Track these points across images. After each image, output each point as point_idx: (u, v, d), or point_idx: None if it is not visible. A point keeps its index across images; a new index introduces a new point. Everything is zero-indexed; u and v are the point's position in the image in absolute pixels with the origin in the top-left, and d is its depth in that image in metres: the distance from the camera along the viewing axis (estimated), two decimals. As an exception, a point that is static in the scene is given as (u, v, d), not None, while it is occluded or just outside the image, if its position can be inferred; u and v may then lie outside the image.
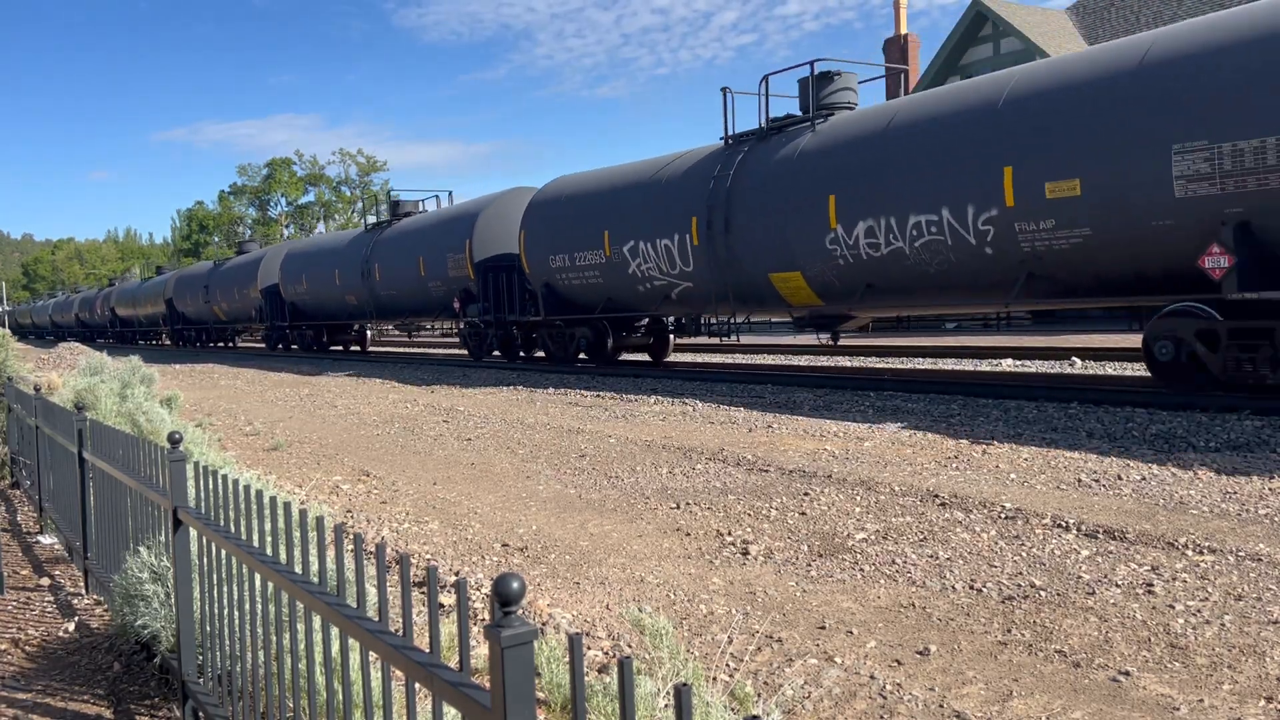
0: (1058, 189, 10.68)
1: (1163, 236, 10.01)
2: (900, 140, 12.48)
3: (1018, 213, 11.05)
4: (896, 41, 34.46)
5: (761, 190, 14.33)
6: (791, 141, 14.33)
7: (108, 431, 4.81)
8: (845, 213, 12.94)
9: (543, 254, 18.65)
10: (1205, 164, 9.49)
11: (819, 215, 13.29)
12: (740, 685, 3.53)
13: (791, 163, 14.00)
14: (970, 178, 11.46)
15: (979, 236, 11.52)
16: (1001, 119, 11.26)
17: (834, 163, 13.32)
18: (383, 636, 2.03)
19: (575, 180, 18.95)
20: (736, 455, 8.41)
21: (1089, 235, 10.58)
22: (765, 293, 14.77)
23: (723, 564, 5.32)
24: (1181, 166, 9.65)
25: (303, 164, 77.04)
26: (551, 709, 3.26)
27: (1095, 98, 10.38)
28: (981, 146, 11.40)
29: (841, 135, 13.53)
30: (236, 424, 12.68)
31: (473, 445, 9.94)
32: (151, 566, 3.93)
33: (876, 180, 12.62)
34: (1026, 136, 10.96)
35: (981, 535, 5.58)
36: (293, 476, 8.56)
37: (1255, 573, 4.66)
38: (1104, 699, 3.47)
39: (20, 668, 4.28)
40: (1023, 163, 10.94)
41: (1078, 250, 10.75)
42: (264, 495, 2.88)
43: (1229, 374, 9.88)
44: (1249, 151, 9.19)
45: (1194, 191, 9.63)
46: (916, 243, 12.23)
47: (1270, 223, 9.26)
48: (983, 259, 11.63)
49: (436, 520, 6.67)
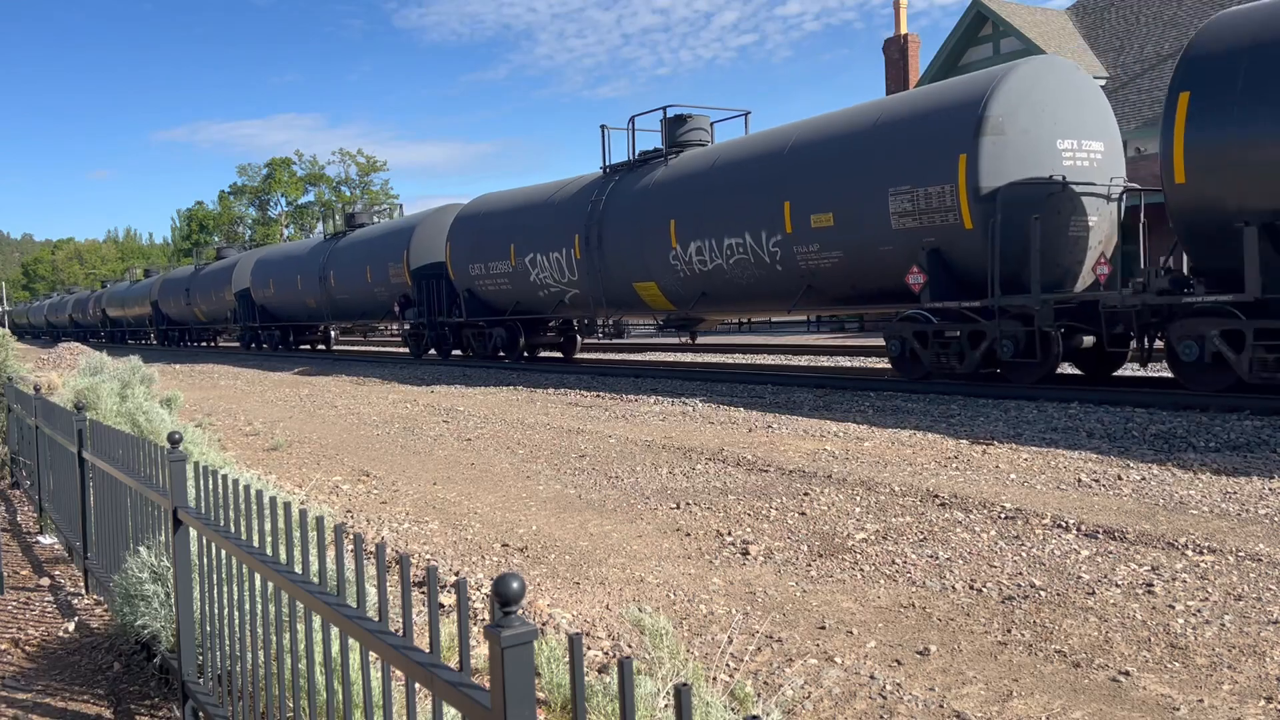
0: (819, 220, 13.56)
1: (886, 259, 12.88)
2: (719, 176, 15.44)
3: (795, 238, 13.92)
4: (896, 41, 34.45)
5: (627, 213, 17.10)
6: (650, 173, 17.18)
7: (108, 431, 4.81)
8: (682, 234, 15.85)
9: (464, 263, 21.49)
10: (909, 204, 12.42)
11: (665, 236, 16.16)
12: (740, 685, 3.53)
13: (648, 191, 16.86)
14: (763, 209, 14.33)
15: (770, 256, 14.43)
16: (785, 163, 14.23)
17: (676, 192, 16.18)
18: (383, 636, 2.03)
19: (492, 199, 21.95)
20: (736, 455, 8.41)
21: (841, 257, 13.50)
22: (632, 299, 17.54)
23: (723, 564, 5.32)
24: (895, 205, 12.57)
25: (303, 164, 77.10)
26: (551, 709, 3.26)
27: (844, 149, 13.45)
28: (771, 185, 14.28)
29: (683, 170, 16.45)
30: (236, 424, 12.68)
31: (473, 445, 9.94)
32: (151, 566, 3.93)
33: (702, 209, 15.53)
34: (800, 178, 13.86)
35: (981, 535, 5.58)
36: (293, 476, 8.56)
37: (1255, 573, 4.66)
38: (1104, 699, 3.47)
39: (20, 668, 4.29)
40: (797, 198, 13.82)
41: (836, 268, 13.67)
42: (264, 495, 2.88)
43: (937, 366, 12.94)
44: (935, 194, 12.18)
45: (904, 225, 12.53)
46: (730, 260, 15.18)
47: (953, 249, 12.20)
48: (775, 274, 14.52)
49: (436, 520, 6.67)
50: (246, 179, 78.31)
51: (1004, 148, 11.83)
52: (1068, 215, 12.12)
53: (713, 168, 15.63)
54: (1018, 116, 11.95)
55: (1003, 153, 11.82)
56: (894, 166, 12.55)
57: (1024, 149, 11.95)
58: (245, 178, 78.41)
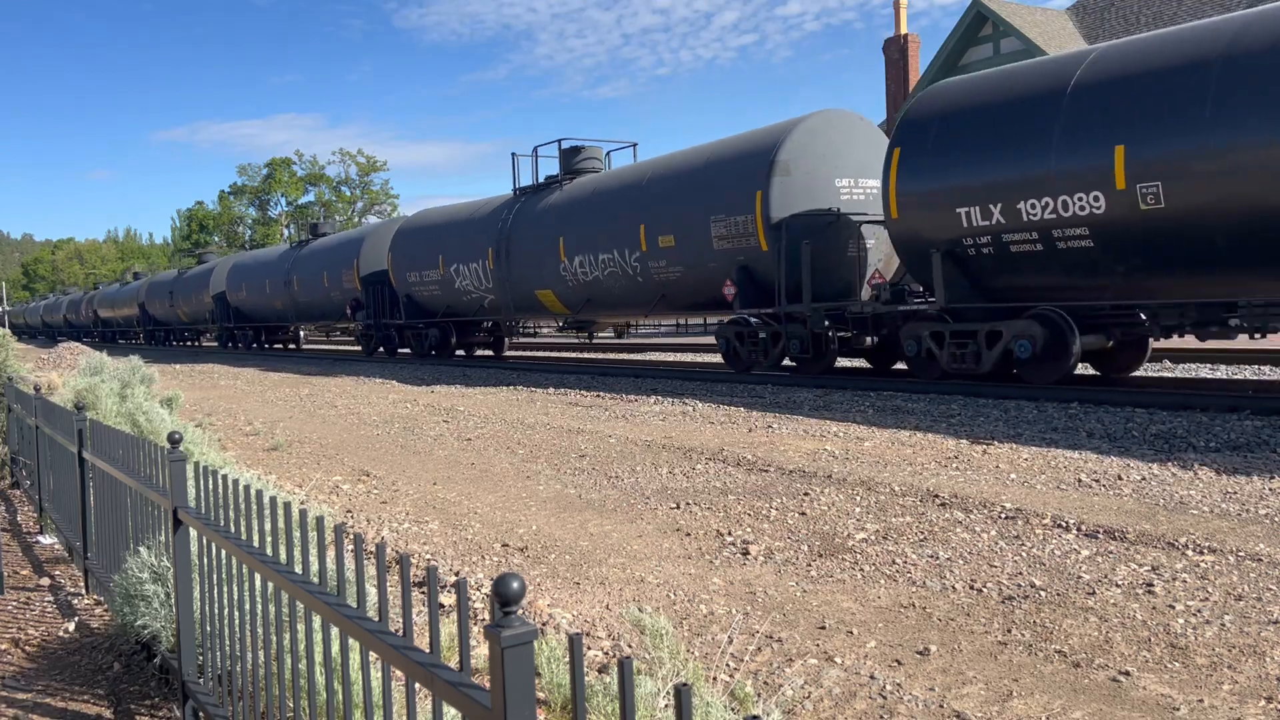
0: (665, 241, 16.38)
1: (712, 274, 15.69)
2: (597, 201, 18.22)
3: (649, 255, 16.73)
4: (896, 41, 34.45)
5: (529, 229, 19.83)
6: (548, 196, 19.88)
7: (108, 431, 4.81)
8: (569, 250, 18.56)
9: (403, 271, 24.32)
10: (725, 229, 15.25)
11: (556, 250, 18.83)
12: (740, 685, 3.53)
13: (545, 211, 19.58)
14: (627, 230, 17.08)
15: (633, 269, 17.17)
16: (642, 193, 17.10)
17: (565, 214, 18.89)
18: (383, 636, 2.03)
19: (426, 215, 25.09)
20: (736, 455, 8.41)
21: (683, 271, 16.30)
22: (535, 304, 20.33)
23: (723, 564, 5.32)
24: (716, 230, 15.40)
25: (303, 164, 77.07)
26: (551, 709, 3.26)
27: (681, 183, 16.32)
28: (632, 210, 17.08)
29: (572, 194, 19.17)
30: (236, 424, 12.68)
31: (473, 445, 9.94)
32: (152, 566, 3.93)
33: (584, 228, 18.22)
34: (652, 206, 16.68)
35: (981, 535, 5.58)
36: (293, 476, 8.56)
37: (1255, 573, 4.66)
38: (1104, 699, 3.47)
39: (20, 668, 4.29)
40: (650, 222, 16.64)
41: (679, 281, 16.48)
42: (264, 495, 2.88)
43: (752, 360, 15.83)
44: (741, 222, 15.01)
45: (722, 246, 15.30)
46: (605, 272, 17.81)
47: (755, 266, 14.96)
48: (637, 284, 17.28)
49: (436, 520, 6.67)
50: (246, 179, 78.28)
51: (790, 186, 14.57)
52: (845, 239, 14.59)
53: (593, 194, 18.51)
54: (802, 161, 14.71)
55: (789, 190, 14.56)
56: (715, 199, 15.43)
57: (807, 187, 14.65)
58: (245, 178, 78.37)
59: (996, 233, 11.58)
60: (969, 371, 12.45)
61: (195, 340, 45.08)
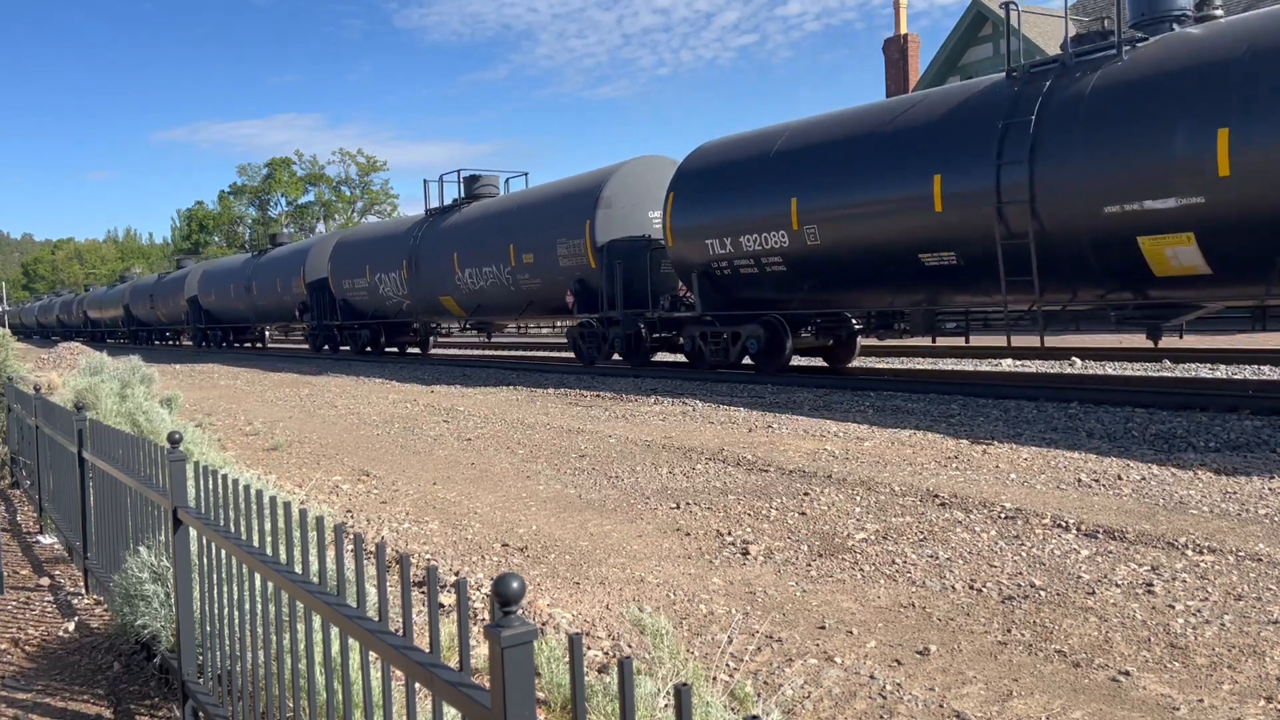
0: (527, 258, 20.01)
1: (560, 286, 19.15)
2: (483, 223, 22.01)
3: (517, 269, 20.38)
4: (896, 41, 34.46)
5: (434, 245, 23.59)
6: (449, 217, 23.70)
7: (108, 431, 4.81)
8: (461, 263, 22.24)
9: (340, 278, 28.18)
10: (567, 250, 18.75)
11: (452, 263, 22.59)
12: (740, 685, 3.53)
13: (446, 230, 23.39)
14: (502, 248, 20.73)
15: (507, 281, 20.85)
16: (513, 217, 20.94)
17: (460, 233, 22.69)
18: (383, 636, 2.03)
19: (355, 231, 30.73)
20: (736, 455, 8.41)
21: (541, 283, 19.92)
22: (440, 308, 24.25)
23: (723, 564, 5.32)
24: (561, 250, 18.90)
25: (303, 164, 77.03)
26: (551, 709, 3.26)
27: (539, 213, 20.00)
28: (505, 233, 20.76)
29: (467, 217, 22.97)
30: (236, 424, 12.68)
31: (473, 445, 9.94)
32: (151, 566, 3.93)
33: (470, 246, 21.95)
34: (521, 228, 20.33)
35: (981, 535, 5.58)
36: (293, 476, 8.56)
37: (1255, 573, 4.66)
38: (1104, 699, 3.47)
39: (20, 668, 4.29)
40: (518, 242, 20.23)
41: (539, 290, 20.07)
42: (264, 495, 2.88)
43: (592, 354, 19.22)
44: (577, 245, 18.44)
45: (565, 264, 18.89)
46: (488, 282, 21.48)
47: (588, 280, 18.44)
48: (510, 293, 21.02)
49: (436, 520, 6.67)
50: (246, 179, 78.26)
51: (611, 217, 18.16)
52: (658, 259, 17.72)
53: (481, 217, 22.25)
54: (622, 197, 18.32)
55: (610, 220, 18.14)
56: (560, 225, 18.98)
57: (625, 218, 18.25)
58: (245, 178, 78.34)
59: (731, 259, 15.39)
60: (723, 363, 16.11)
61: (175, 340, 48.97)
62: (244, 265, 36.07)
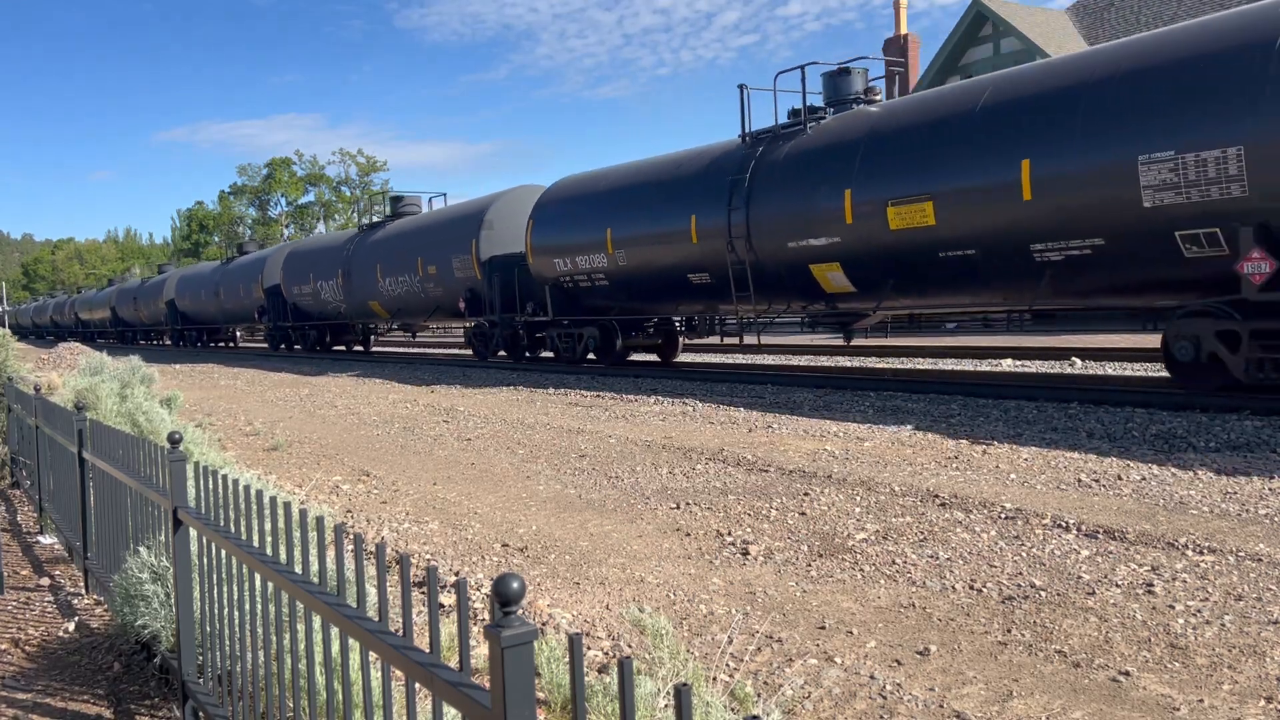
0: (431, 269, 23.18)
1: (456, 293, 22.46)
2: (398, 240, 25.65)
3: (424, 279, 23.70)
4: (896, 41, 34.47)
5: (363, 258, 27.30)
6: (375, 233, 27.59)
7: (108, 431, 4.81)
8: (383, 272, 25.84)
9: (290, 285, 32.14)
10: (458, 264, 22.05)
11: (374, 274, 26.33)
12: (740, 685, 3.53)
13: (372, 244, 27.19)
14: (413, 261, 24.17)
15: (418, 289, 24.22)
16: (422, 235, 24.29)
17: (383, 247, 26.35)
18: (383, 637, 2.03)
19: (303, 243, 34.46)
20: (736, 455, 8.41)
21: (443, 291, 23.04)
22: (370, 311, 27.89)
23: (723, 564, 5.32)
24: (455, 264, 22.20)
25: (303, 164, 77.06)
26: (551, 709, 3.26)
27: (438, 230, 23.40)
28: (415, 247, 24.20)
29: (390, 233, 26.61)
30: (236, 424, 12.68)
31: (473, 445, 9.94)
32: (151, 566, 3.93)
33: (390, 258, 25.59)
34: (426, 245, 23.58)
35: (981, 535, 5.58)
36: (293, 476, 8.56)
37: (1255, 573, 4.66)
38: (1104, 699, 3.47)
39: (20, 668, 4.29)
40: (424, 255, 23.53)
41: (443, 297, 23.21)
42: (264, 495, 2.88)
43: (485, 351, 22.53)
44: (466, 260, 21.74)
45: (459, 275, 22.11)
46: (405, 289, 24.94)
47: (476, 289, 21.74)
48: (421, 299, 24.44)
49: (436, 520, 6.67)
50: (246, 179, 78.29)
51: (493, 236, 21.45)
52: (526, 273, 20.53)
53: (399, 234, 25.84)
54: (502, 219, 21.57)
55: (492, 239, 21.40)
56: (453, 242, 22.28)
57: (504, 237, 21.45)
58: (245, 178, 78.39)
59: (572, 274, 18.85)
60: (571, 358, 19.57)
61: (159, 339, 52.77)
62: (214, 272, 40.40)
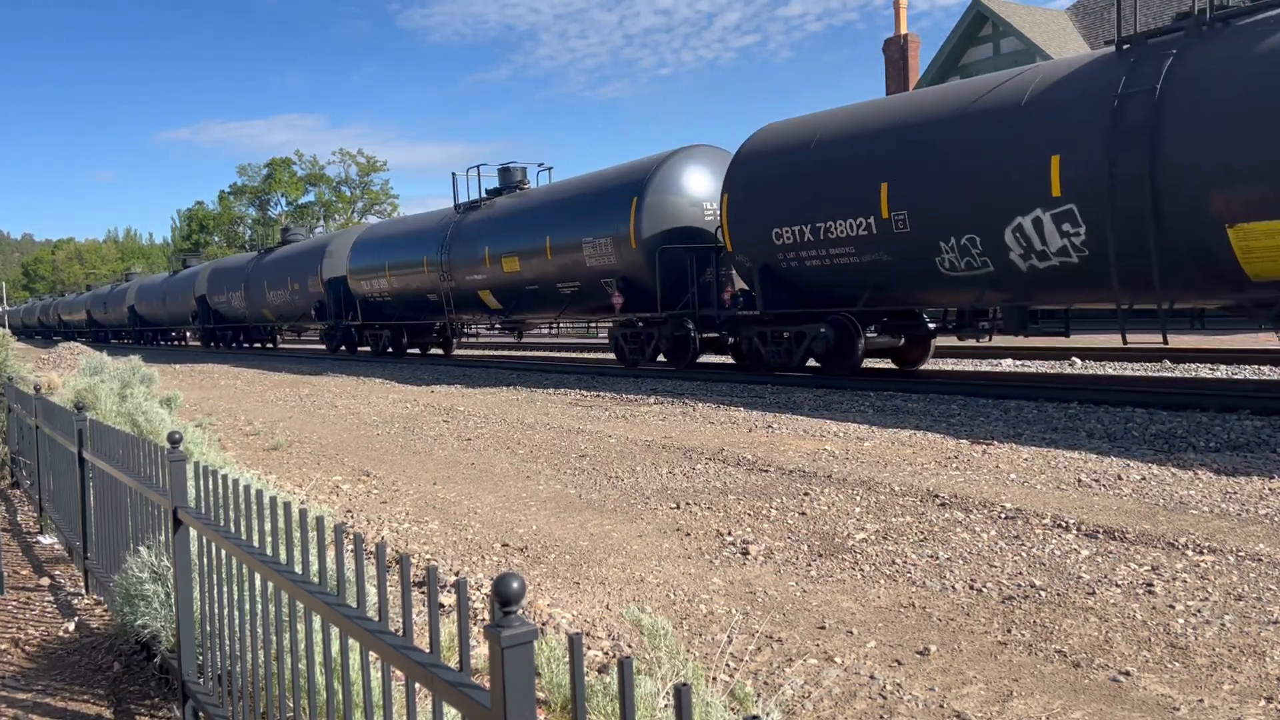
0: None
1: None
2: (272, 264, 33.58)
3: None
4: (897, 42, 34.45)
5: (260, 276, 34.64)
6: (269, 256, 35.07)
7: (108, 431, 4.81)
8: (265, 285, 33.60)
9: (213, 294, 38.83)
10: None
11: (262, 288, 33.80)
12: (740, 685, 3.53)
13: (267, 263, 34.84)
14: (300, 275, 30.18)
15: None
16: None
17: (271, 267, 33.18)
18: (383, 636, 2.03)
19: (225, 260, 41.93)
20: (736, 455, 8.41)
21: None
22: (262, 319, 34.49)
23: (723, 564, 5.32)
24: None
25: (303, 164, 77.06)
26: (551, 709, 3.26)
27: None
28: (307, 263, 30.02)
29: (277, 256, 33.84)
30: (236, 424, 12.68)
31: (473, 445, 9.94)
32: (151, 566, 3.93)
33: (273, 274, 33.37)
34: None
35: (981, 535, 5.58)
36: (293, 476, 8.56)
37: (1255, 573, 4.66)
38: (1104, 699, 3.47)
39: (20, 668, 4.29)
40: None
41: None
42: (264, 495, 2.88)
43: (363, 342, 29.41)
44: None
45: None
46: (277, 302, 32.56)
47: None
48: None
49: (436, 520, 6.67)
50: (247, 179, 78.30)
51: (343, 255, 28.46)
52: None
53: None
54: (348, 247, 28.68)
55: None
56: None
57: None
58: (245, 178, 78.39)
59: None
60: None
61: (126, 339, 58.72)
62: (165, 281, 47.43)
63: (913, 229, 12.42)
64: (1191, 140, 9.88)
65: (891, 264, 12.95)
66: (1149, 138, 10.10)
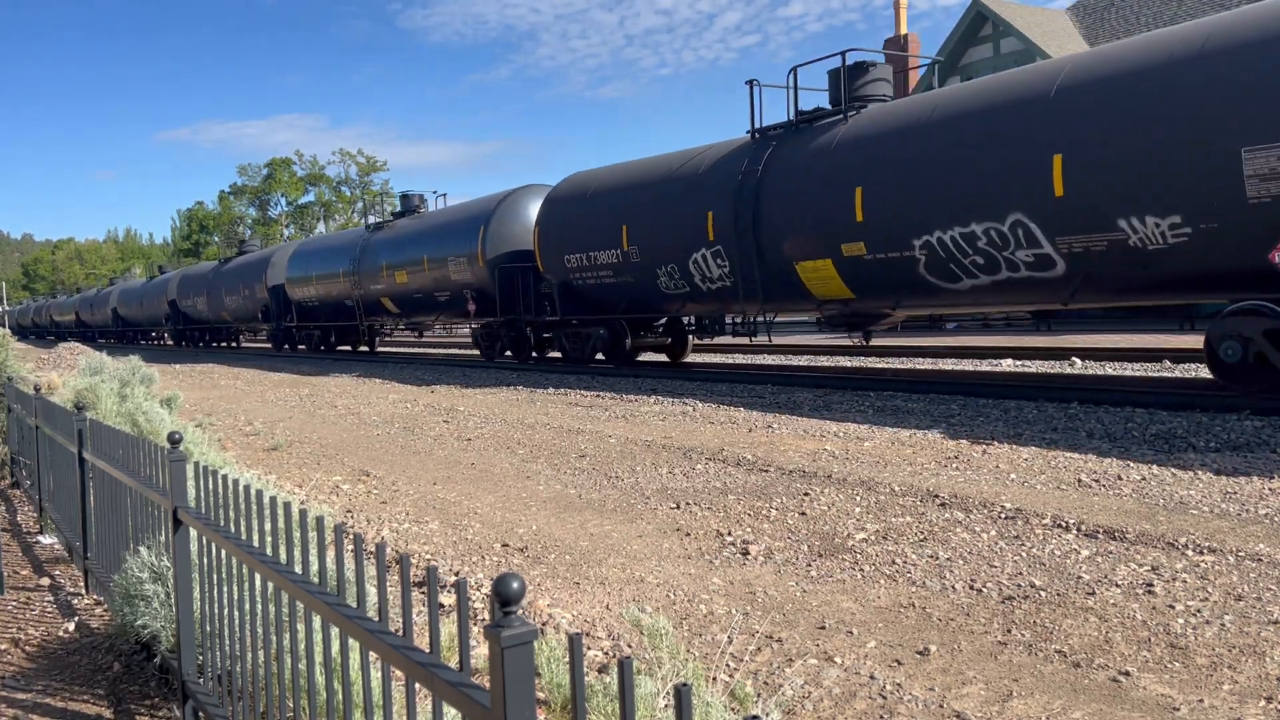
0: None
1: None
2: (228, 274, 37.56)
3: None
4: (896, 41, 34.46)
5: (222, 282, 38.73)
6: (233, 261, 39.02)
7: (108, 431, 4.81)
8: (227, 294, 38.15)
9: (182, 299, 42.66)
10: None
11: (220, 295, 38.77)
12: (740, 685, 3.53)
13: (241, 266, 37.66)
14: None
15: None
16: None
17: (226, 276, 37.63)
18: (383, 636, 2.03)
19: (193, 269, 45.02)
20: (736, 455, 8.41)
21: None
22: (221, 323, 38.92)
23: (723, 564, 5.32)
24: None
25: (303, 164, 77.08)
26: (551, 709, 3.26)
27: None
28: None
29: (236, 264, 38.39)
30: (236, 424, 12.68)
31: (473, 445, 9.94)
32: (151, 566, 3.93)
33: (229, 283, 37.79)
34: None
35: (981, 535, 5.58)
36: (293, 476, 8.56)
37: (1255, 573, 4.66)
38: (1104, 699, 3.47)
39: (20, 668, 4.29)
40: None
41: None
42: (264, 495, 2.88)
43: (300, 341, 33.74)
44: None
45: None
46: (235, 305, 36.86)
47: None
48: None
49: (436, 520, 6.67)
50: (246, 179, 78.32)
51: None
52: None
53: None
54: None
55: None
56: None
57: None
58: (245, 178, 78.42)
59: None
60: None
61: (111, 338, 61.40)
62: (143, 286, 51.40)
63: (643, 259, 16.95)
64: (776, 205, 14.43)
65: (634, 283, 17.47)
66: (755, 201, 14.64)
